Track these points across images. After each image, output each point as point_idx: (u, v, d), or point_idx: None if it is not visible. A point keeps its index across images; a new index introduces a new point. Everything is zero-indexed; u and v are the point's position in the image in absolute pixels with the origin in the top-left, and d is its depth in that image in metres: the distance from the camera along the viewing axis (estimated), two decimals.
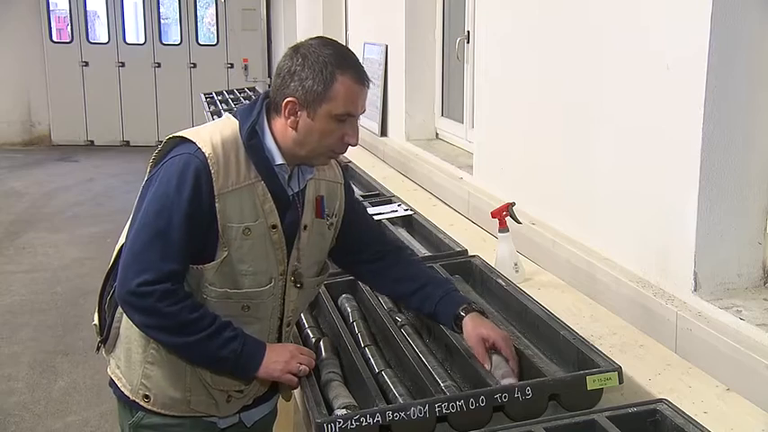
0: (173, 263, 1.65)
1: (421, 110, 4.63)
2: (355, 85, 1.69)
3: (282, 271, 1.81)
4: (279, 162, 1.75)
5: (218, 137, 1.73)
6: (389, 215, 3.46)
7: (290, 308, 1.87)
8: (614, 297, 2.41)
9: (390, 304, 2.54)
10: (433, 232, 3.17)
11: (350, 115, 1.71)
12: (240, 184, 1.70)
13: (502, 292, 2.52)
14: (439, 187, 3.92)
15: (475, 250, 2.92)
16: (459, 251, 2.92)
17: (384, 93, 4.97)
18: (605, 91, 2.50)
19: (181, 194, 1.65)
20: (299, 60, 1.69)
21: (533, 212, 2.97)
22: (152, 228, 1.65)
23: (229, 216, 1.69)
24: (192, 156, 1.68)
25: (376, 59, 5.09)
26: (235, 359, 1.71)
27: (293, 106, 1.70)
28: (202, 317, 1.68)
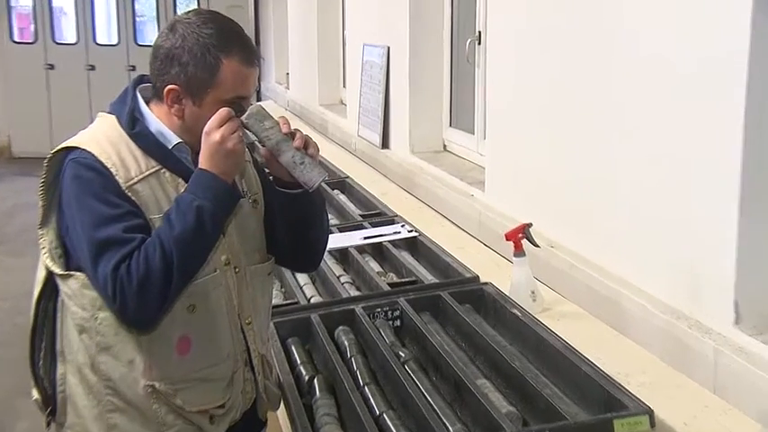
0: (132, 221, 1.69)
1: (427, 119, 4.64)
2: (243, 68, 1.74)
3: (226, 260, 1.85)
4: (175, 142, 1.80)
5: (100, 135, 1.79)
6: (391, 237, 3.48)
7: (243, 302, 1.89)
8: (643, 329, 2.41)
9: (393, 337, 2.55)
10: (441, 256, 3.19)
11: (241, 98, 1.76)
12: (144, 173, 1.75)
13: (517, 323, 2.52)
14: (447, 205, 3.93)
15: (487, 276, 2.92)
16: (470, 277, 2.93)
17: (385, 100, 4.99)
18: (632, 99, 2.51)
19: (92, 186, 1.70)
20: (178, 42, 1.73)
21: (552, 234, 2.98)
22: (96, 226, 1.67)
23: (149, 208, 1.74)
24: (78, 158, 1.73)
25: (376, 63, 5.12)
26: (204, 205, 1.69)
27: (176, 94, 1.75)
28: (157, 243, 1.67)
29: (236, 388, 1.90)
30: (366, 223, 3.73)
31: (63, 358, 1.85)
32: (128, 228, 1.69)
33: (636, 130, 2.50)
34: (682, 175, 2.28)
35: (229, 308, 1.86)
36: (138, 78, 1.89)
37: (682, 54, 2.26)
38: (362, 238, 3.50)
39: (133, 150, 1.77)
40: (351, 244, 3.42)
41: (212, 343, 1.84)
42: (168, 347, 1.79)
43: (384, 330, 2.60)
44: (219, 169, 1.72)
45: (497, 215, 3.40)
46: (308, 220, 1.94)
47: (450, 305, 2.71)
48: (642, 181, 2.47)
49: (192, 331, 1.80)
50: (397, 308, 2.71)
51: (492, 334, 2.54)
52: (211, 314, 1.83)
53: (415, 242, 3.45)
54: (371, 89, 5.21)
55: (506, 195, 3.44)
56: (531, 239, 2.79)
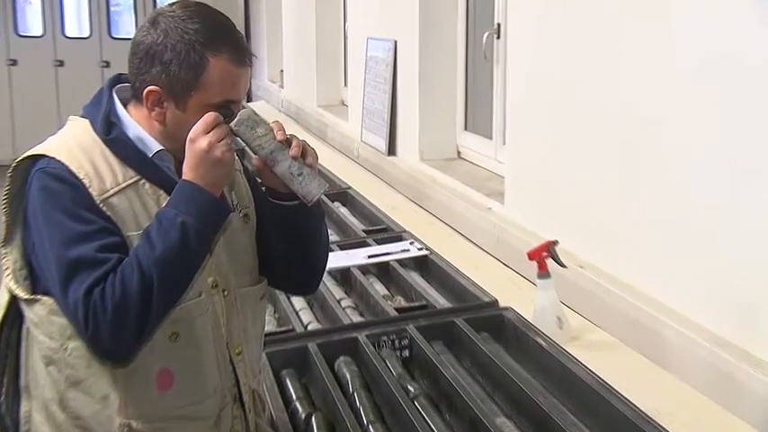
0: (107, 239, 1.69)
1: (439, 122, 4.65)
2: (233, 68, 1.74)
3: (213, 282, 1.85)
4: (156, 149, 1.80)
5: (71, 141, 1.79)
6: (399, 256, 3.48)
7: (232, 329, 1.89)
8: (685, 360, 2.40)
9: (400, 369, 2.56)
10: (455, 277, 3.19)
11: (230, 102, 1.77)
12: (120, 185, 1.75)
13: (541, 353, 2.52)
14: (461, 220, 3.94)
15: (507, 300, 2.92)
16: (488, 302, 2.93)
17: (392, 100, 5.01)
18: (673, 99, 2.52)
19: (62, 200, 1.70)
20: (160, 38, 1.74)
21: (581, 253, 2.98)
22: (66, 245, 1.67)
23: (126, 224, 1.74)
24: (46, 168, 1.73)
25: (382, 59, 5.14)
26: (188, 221, 1.69)
27: (157, 96, 1.76)
28: (135, 264, 1.67)
29: (223, 427, 1.89)
30: (370, 240, 3.74)
31: (28, 394, 1.84)
32: (102, 246, 1.68)
33: (682, 136, 2.51)
34: (731, 188, 2.28)
35: (217, 336, 1.86)
36: (114, 78, 1.89)
37: (726, 51, 2.26)
38: (366, 257, 3.51)
39: (109, 159, 1.77)
40: (353, 263, 3.42)
41: (197, 376, 1.83)
42: (147, 382, 1.78)
43: (391, 361, 2.60)
44: (206, 180, 1.72)
45: (518, 231, 3.40)
46: (306, 236, 1.94)
47: (465, 333, 2.71)
48: (685, 194, 2.48)
49: (175, 363, 1.80)
50: (405, 336, 2.71)
51: (513, 366, 2.54)
52: (196, 344, 1.82)
53: (425, 261, 3.45)
54: (376, 89, 5.22)
55: (529, 208, 3.44)
56: (556, 259, 2.78)
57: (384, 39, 5.12)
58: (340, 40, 6.87)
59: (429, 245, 3.58)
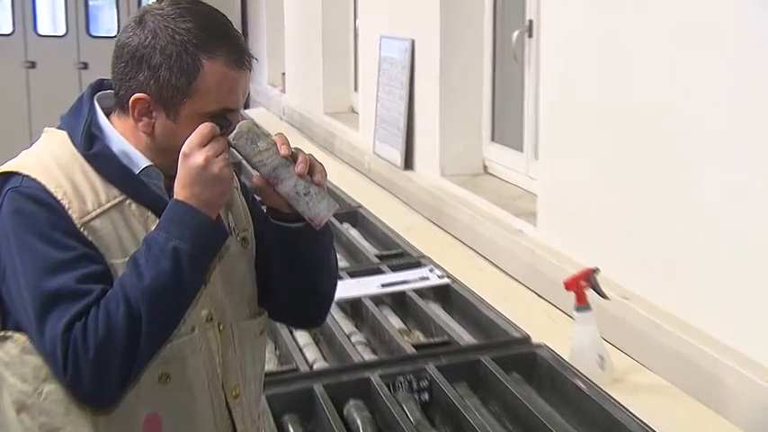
0: (89, 267, 1.69)
1: (462, 132, 4.65)
2: (231, 72, 1.74)
3: (208, 316, 1.84)
4: (143, 165, 1.80)
5: (48, 156, 1.78)
6: (417, 284, 3.47)
7: (229, 369, 1.88)
8: (748, 408, 2.38)
9: (419, 415, 2.54)
10: (480, 310, 3.18)
11: (227, 111, 1.77)
12: (104, 206, 1.75)
13: (580, 397, 2.51)
14: (487, 243, 3.93)
15: (540, 336, 2.91)
16: (519, 338, 2.92)
17: (409, 108, 5.01)
18: (731, 107, 2.51)
19: (37, 223, 1.70)
20: (148, 39, 1.73)
21: (625, 282, 2.96)
22: (43, 274, 1.67)
23: (110, 251, 1.73)
24: (19, 188, 1.73)
25: (397, 60, 5.16)
26: (181, 247, 1.68)
27: (145, 105, 1.75)
28: (120, 297, 1.66)
29: None
30: (384, 266, 3.73)
31: None
32: (83, 276, 1.68)
33: (737, 151, 2.49)
34: None
35: (211, 377, 1.85)
36: (96, 84, 1.89)
37: None
38: (380, 286, 3.50)
39: (90, 176, 1.77)
40: (365, 293, 3.42)
41: (189, 423, 1.82)
42: (133, 429, 1.77)
43: (408, 405, 2.59)
44: (201, 200, 1.72)
45: (553, 256, 3.39)
46: (312, 262, 1.93)
47: (492, 373, 2.69)
48: (748, 219, 2.46)
49: (164, 408, 1.79)
50: (424, 376, 2.70)
51: (547, 411, 2.53)
52: (188, 386, 1.81)
53: (447, 291, 3.44)
54: (391, 94, 5.23)
55: (565, 231, 3.43)
56: (597, 289, 2.77)
57: (400, 38, 5.13)
58: (350, 39, 6.89)
59: (451, 272, 3.57)
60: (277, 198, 1.83)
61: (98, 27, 11.28)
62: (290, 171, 1.78)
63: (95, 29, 11.20)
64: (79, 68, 10.89)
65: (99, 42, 10.95)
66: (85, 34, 11.06)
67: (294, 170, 1.78)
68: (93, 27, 11.19)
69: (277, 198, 1.83)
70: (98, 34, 11.10)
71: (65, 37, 11.10)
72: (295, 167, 1.78)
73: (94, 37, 11.05)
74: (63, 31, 11.14)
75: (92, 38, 11.05)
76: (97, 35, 11.07)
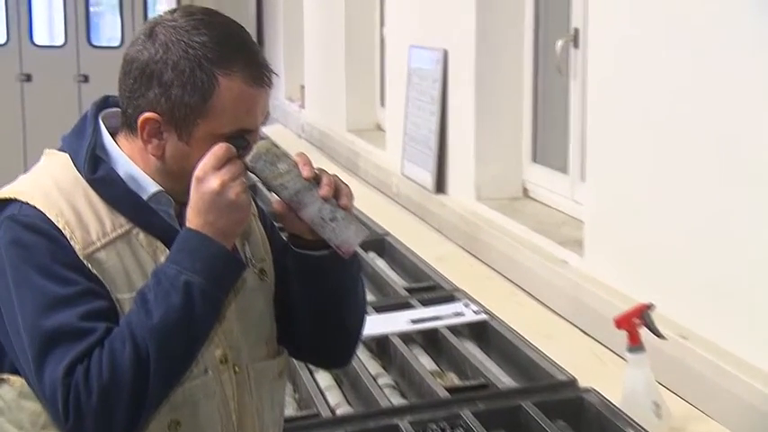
0: (92, 303, 1.70)
1: (500, 152, 4.64)
2: (249, 89, 1.75)
3: (223, 356, 1.85)
4: (153, 190, 1.81)
5: (49, 181, 1.80)
6: (451, 321, 3.47)
7: (244, 415, 1.88)
8: None
9: None
10: (521, 349, 3.17)
11: (245, 131, 1.77)
12: (109, 236, 1.76)
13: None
14: (529, 275, 3.91)
15: (588, 379, 2.90)
16: (564, 381, 2.91)
17: (441, 125, 5.01)
18: None
19: (36, 255, 1.71)
20: (159, 53, 1.75)
21: (683, 319, 2.94)
22: (42, 311, 1.68)
23: (116, 285, 1.74)
24: (16, 216, 1.74)
25: (428, 72, 5.16)
26: (194, 281, 1.69)
27: (155, 125, 1.76)
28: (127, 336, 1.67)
29: None
30: (414, 300, 3.73)
31: None
32: (86, 313, 1.69)
33: None
34: None
35: (226, 424, 1.86)
36: (101, 101, 1.90)
37: None
38: (409, 322, 3.49)
39: (94, 203, 1.78)
40: (393, 330, 3.42)
41: None
42: None
43: None
44: (216, 228, 1.73)
45: (602, 290, 3.37)
46: (338, 294, 1.94)
47: (535, 420, 2.68)
48: None
49: None
50: (459, 423, 2.69)
51: None
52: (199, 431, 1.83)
53: (484, 328, 3.44)
54: (421, 109, 5.24)
55: (615, 262, 3.41)
56: (652, 327, 2.76)
57: (431, 47, 5.14)
58: (376, 49, 6.93)
59: (488, 307, 3.57)
60: (299, 224, 1.84)
61: (99, 36, 11.26)
62: (314, 194, 1.79)
63: (97, 38, 11.18)
64: (79, 81, 10.89)
65: (100, 53, 10.91)
66: (86, 44, 11.02)
67: (318, 193, 1.79)
68: (95, 36, 11.16)
69: (299, 224, 1.84)
70: (100, 44, 11.08)
71: (63, 47, 11.08)
72: (319, 190, 1.79)
73: (96, 47, 11.02)
74: (61, 40, 11.13)
75: (93, 48, 11.01)
76: (99, 45, 11.05)
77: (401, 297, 3.82)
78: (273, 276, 1.97)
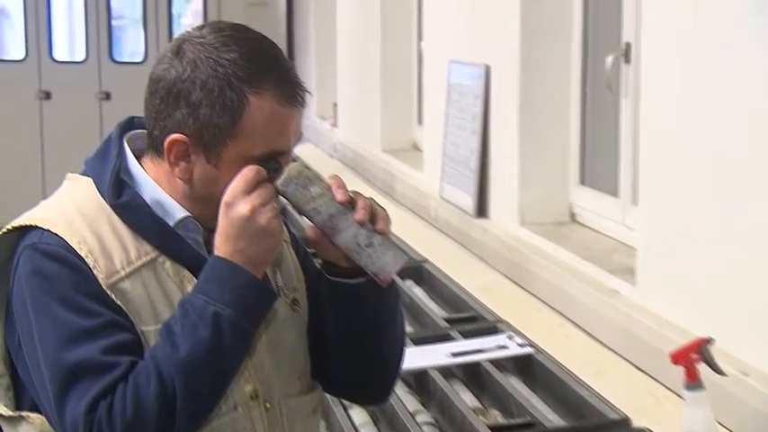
0: (116, 336, 1.71)
1: (545, 173, 4.63)
2: (281, 109, 1.77)
3: (253, 392, 1.85)
4: (180, 216, 1.82)
5: (71, 207, 1.82)
6: (493, 354, 3.47)
7: None
8: None
9: None
10: (569, 385, 3.16)
11: (276, 153, 1.78)
12: (134, 264, 1.77)
13: None
14: (577, 306, 3.89)
15: (642, 419, 2.89)
16: (616, 420, 2.89)
17: (482, 144, 5.00)
18: None
19: (58, 286, 1.72)
20: (187, 72, 1.76)
21: (744, 354, 2.92)
22: (64, 345, 1.70)
23: (141, 316, 1.75)
24: (38, 244, 1.76)
25: (469, 89, 5.16)
26: (223, 312, 1.70)
27: (183, 147, 1.78)
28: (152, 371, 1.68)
29: None
30: (454, 332, 3.73)
31: None
32: (109, 347, 1.70)
33: None
34: None
35: None
36: (125, 122, 1.92)
37: None
38: (449, 356, 3.50)
39: (118, 230, 1.80)
40: (432, 364, 3.42)
41: None
42: None
43: None
44: (246, 256, 1.74)
45: (656, 323, 3.35)
46: (376, 324, 1.94)
47: None
48: None
49: None
50: None
51: None
52: None
53: (529, 362, 3.43)
54: (461, 128, 5.24)
55: (670, 292, 3.39)
56: (711, 363, 2.73)
57: (472, 63, 5.14)
58: (413, 65, 6.94)
59: (534, 340, 3.56)
60: (334, 251, 1.84)
61: (122, 51, 11.32)
62: (349, 219, 1.79)
63: (119, 53, 11.25)
64: (100, 99, 10.95)
65: (123, 69, 10.97)
66: (108, 59, 11.07)
67: (353, 218, 1.79)
68: (117, 51, 11.23)
69: (334, 251, 1.84)
70: (122, 60, 11.15)
71: (84, 63, 11.14)
72: (354, 215, 1.79)
73: (118, 63, 11.09)
74: (82, 56, 11.19)
75: (115, 63, 11.06)
76: (121, 61, 11.13)
77: (441, 328, 3.82)
78: (307, 306, 1.98)
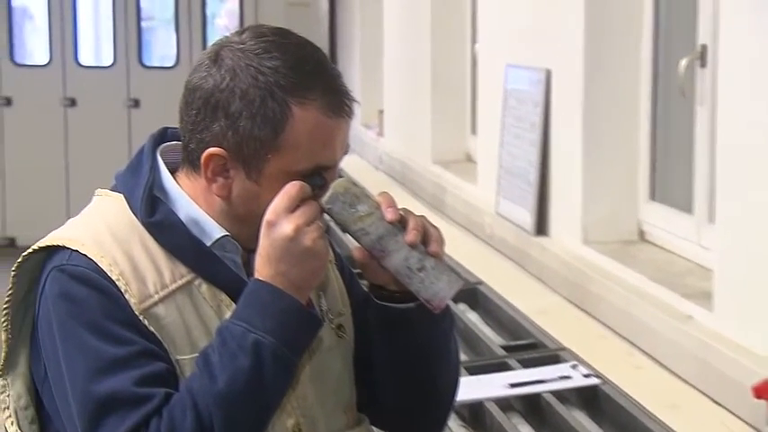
0: (149, 366, 1.73)
1: (612, 188, 4.61)
2: (327, 120, 1.78)
3: (296, 427, 1.86)
4: (217, 236, 1.84)
5: (101, 225, 1.83)
6: (556, 385, 3.45)
7: None
8: None
9: None
10: (639, 420, 3.13)
11: (322, 168, 1.80)
12: (168, 288, 1.79)
13: None
14: (647, 333, 3.87)
15: None
16: None
17: (542, 155, 5.00)
18: None
19: (88, 311, 1.74)
20: (226, 80, 1.78)
21: None
22: (93, 375, 1.71)
23: (176, 344, 1.77)
24: (66, 266, 1.77)
25: (527, 95, 5.16)
26: (264, 341, 1.70)
27: (221, 162, 1.79)
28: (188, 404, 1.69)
29: None
30: (512, 361, 3.72)
31: None
32: (142, 378, 1.71)
33: None
34: None
35: None
36: (159, 134, 1.94)
37: None
38: (507, 386, 3.48)
39: (152, 251, 1.81)
40: (488, 395, 3.40)
41: None
42: None
43: None
44: (288, 280, 1.74)
45: (735, 352, 3.32)
46: (428, 353, 1.95)
47: None
48: None
49: None
50: None
51: None
52: None
53: (595, 394, 3.42)
54: (519, 138, 5.24)
55: (750, 318, 3.36)
56: None
57: (532, 66, 5.14)
58: (466, 69, 6.95)
59: (600, 370, 3.54)
60: (383, 274, 1.85)
61: (151, 54, 11.41)
62: (399, 240, 1.80)
63: (149, 57, 11.34)
64: (129, 107, 11.03)
65: (153, 74, 11.05)
66: (137, 64, 11.14)
67: (404, 239, 1.80)
68: (147, 55, 11.31)
69: (383, 274, 1.85)
70: (152, 64, 11.24)
71: (112, 68, 11.24)
72: (405, 236, 1.81)
73: (148, 67, 11.16)
74: (110, 60, 11.30)
75: (144, 68, 11.14)
76: (151, 65, 11.20)
77: (497, 356, 3.81)
78: (353, 333, 1.99)
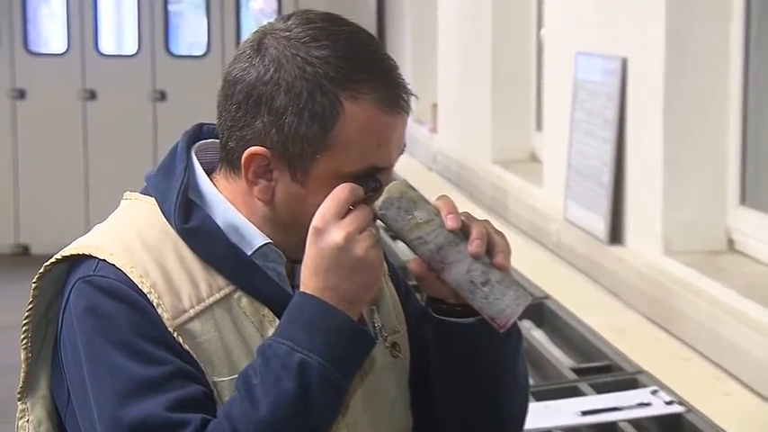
0: (183, 389, 1.74)
1: (696, 191, 4.60)
2: (382, 116, 1.78)
3: None
4: (259, 243, 1.85)
5: (131, 232, 1.84)
6: (633, 413, 3.44)
7: None
8: None
9: None
10: None
11: (376, 170, 1.80)
12: (205, 302, 1.80)
13: None
14: (737, 355, 3.85)
15: None
16: None
17: (617, 155, 4.98)
18: None
19: (117, 327, 1.75)
20: (270, 71, 1.78)
21: None
22: (122, 398, 1.73)
23: (213, 364, 1.78)
24: (92, 277, 1.78)
25: (601, 87, 5.15)
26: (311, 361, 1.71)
27: (263, 162, 1.80)
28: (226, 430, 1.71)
29: None
30: (584, 385, 3.70)
31: None
32: (176, 402, 1.72)
33: None
34: None
35: None
36: (194, 131, 1.94)
37: None
38: (579, 414, 3.47)
39: (187, 260, 1.82)
40: (557, 424, 3.42)
41: None
42: None
43: None
44: (338, 294, 1.75)
45: None
46: (492, 375, 1.95)
47: None
48: None
49: None
50: None
51: None
52: None
53: (678, 424, 3.40)
54: (591, 135, 5.23)
55: None
56: None
57: (605, 55, 5.13)
58: (531, 58, 6.97)
59: (683, 396, 3.52)
60: (442, 287, 1.86)
61: (179, 42, 11.46)
62: (461, 251, 1.80)
63: (176, 45, 11.40)
64: (154, 99, 11.09)
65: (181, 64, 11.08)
66: (164, 52, 11.20)
67: (466, 250, 1.80)
68: (174, 43, 11.37)
69: (442, 287, 1.86)
70: (180, 53, 11.27)
71: (136, 56, 11.32)
72: (467, 246, 1.80)
73: (175, 56, 11.20)
74: (134, 48, 11.37)
75: (172, 57, 11.18)
76: (179, 54, 11.24)
77: (567, 380, 3.80)
78: (408, 352, 2.00)
